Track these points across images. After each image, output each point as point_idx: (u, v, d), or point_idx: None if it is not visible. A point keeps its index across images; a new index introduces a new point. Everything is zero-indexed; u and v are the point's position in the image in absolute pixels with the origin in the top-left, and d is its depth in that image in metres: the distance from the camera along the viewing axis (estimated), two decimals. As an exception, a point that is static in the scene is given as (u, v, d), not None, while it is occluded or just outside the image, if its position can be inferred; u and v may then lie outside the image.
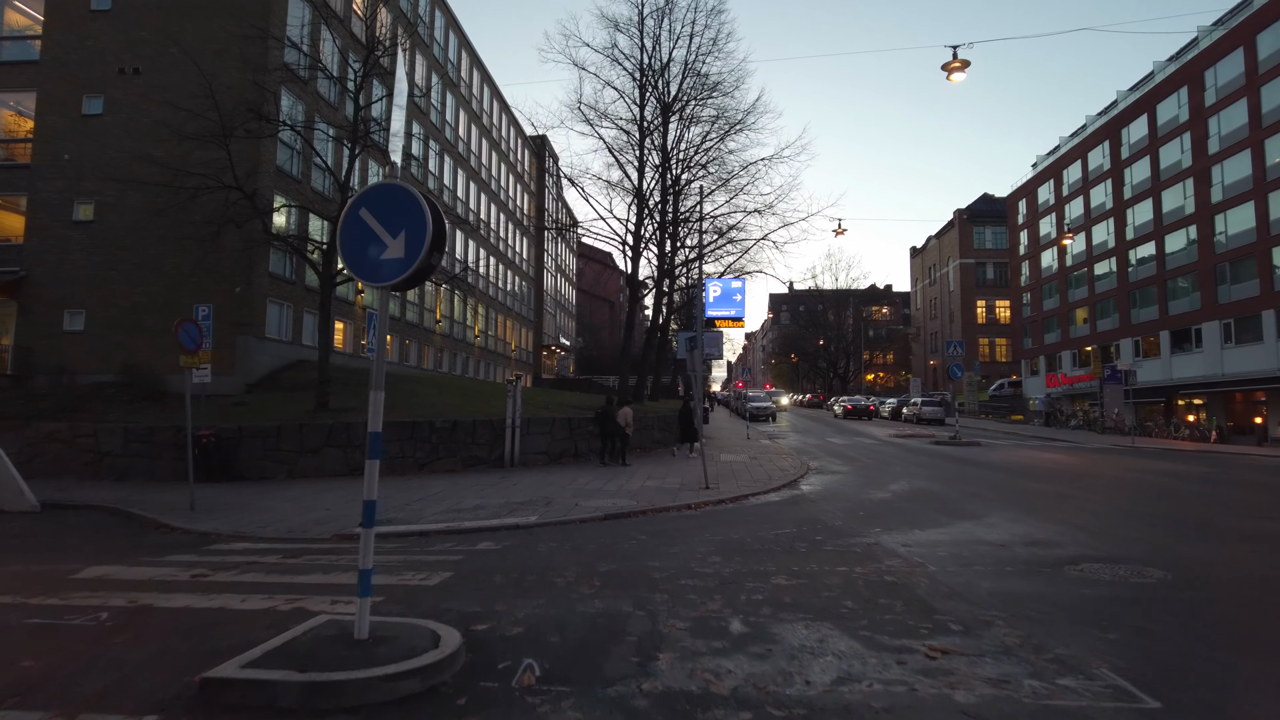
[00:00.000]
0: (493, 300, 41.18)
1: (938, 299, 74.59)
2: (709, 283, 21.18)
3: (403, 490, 12.08)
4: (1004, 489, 12.22)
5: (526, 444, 16.20)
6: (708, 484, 12.11)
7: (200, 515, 10.29)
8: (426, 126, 31.30)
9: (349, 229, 4.00)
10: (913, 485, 12.69)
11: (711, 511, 9.99)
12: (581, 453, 17.14)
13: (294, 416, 16.34)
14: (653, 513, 9.78)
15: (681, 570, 6.06)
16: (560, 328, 61.41)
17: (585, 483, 12.72)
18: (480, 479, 13.63)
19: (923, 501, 10.72)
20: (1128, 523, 8.78)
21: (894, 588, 5.51)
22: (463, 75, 36.87)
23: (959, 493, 11.64)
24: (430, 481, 13.47)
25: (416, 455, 15.49)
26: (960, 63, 13.57)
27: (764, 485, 12.48)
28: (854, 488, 12.50)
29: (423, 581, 5.85)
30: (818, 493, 11.83)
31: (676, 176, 24.05)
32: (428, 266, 3.89)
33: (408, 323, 29.74)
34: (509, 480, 13.34)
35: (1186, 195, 38.17)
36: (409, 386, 21.07)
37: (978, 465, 16.43)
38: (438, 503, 10.73)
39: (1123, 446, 23.28)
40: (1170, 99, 39.59)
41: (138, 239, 20.51)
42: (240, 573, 6.47)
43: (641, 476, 13.69)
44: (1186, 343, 38.35)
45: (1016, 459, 18.23)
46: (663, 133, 22.57)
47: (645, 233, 20.98)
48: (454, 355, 34.85)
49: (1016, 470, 15.53)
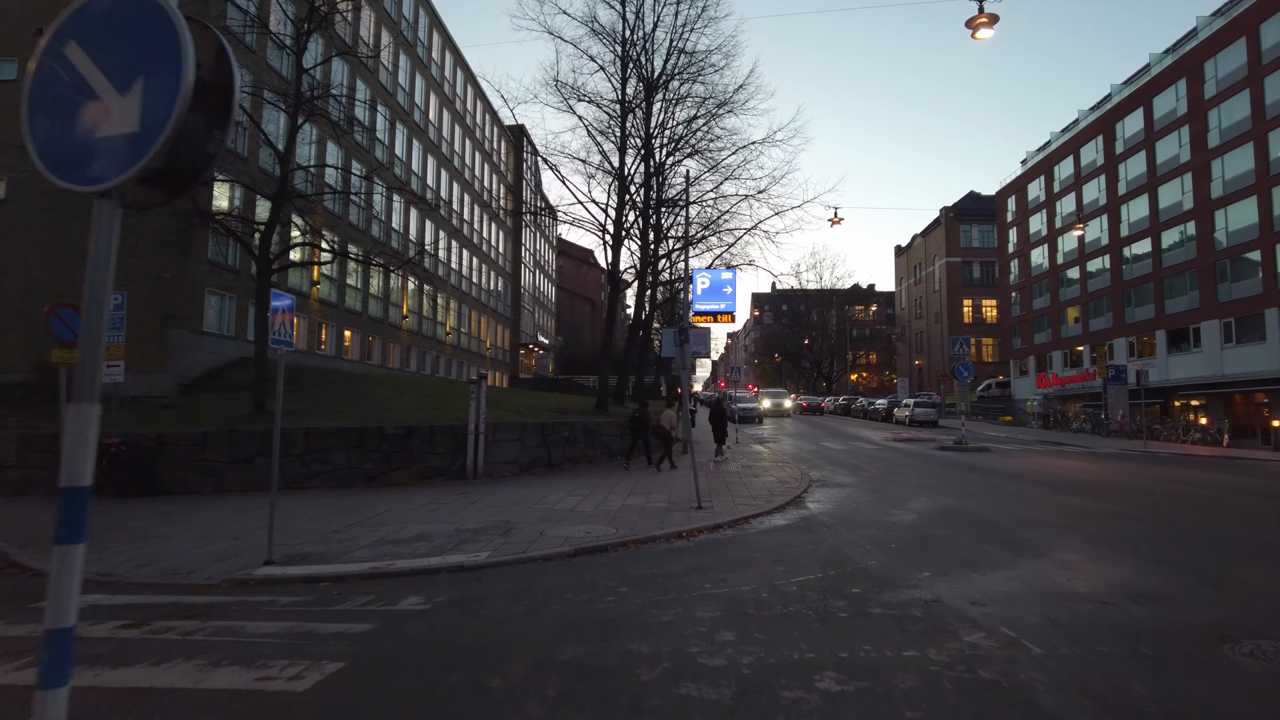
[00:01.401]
0: (466, 295, 39.01)
1: (923, 298, 73.56)
2: (697, 274, 19.35)
3: (340, 511, 10.05)
4: (1046, 507, 10.49)
5: (492, 453, 14.22)
6: (700, 502, 10.23)
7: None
8: (393, 107, 29.11)
9: (42, 84, 2.03)
10: (937, 502, 10.91)
11: (708, 542, 8.11)
12: (556, 462, 15.20)
13: (231, 421, 14.21)
14: (635, 545, 7.87)
15: (680, 662, 4.14)
16: (539, 326, 59.30)
17: (557, 500, 10.79)
18: (434, 496, 11.63)
19: (962, 526, 8.93)
20: (1232, 559, 7.06)
21: (1001, 694, 3.66)
22: (434, 57, 34.66)
23: (999, 513, 9.88)
24: (377, 498, 11.44)
25: (365, 467, 13.43)
26: (988, 17, 11.84)
27: (765, 503, 10.64)
28: (871, 506, 10.70)
29: (290, 683, 3.88)
30: (830, 513, 10.01)
31: (661, 163, 22.19)
32: (192, 154, 1.95)
33: (371, 317, 27.56)
34: (468, 497, 11.36)
35: (1185, 190, 37.09)
36: (364, 387, 18.97)
37: (998, 475, 14.75)
38: (374, 529, 8.73)
39: (1136, 451, 21.84)
40: (1168, 92, 38.51)
41: (56, 220, 18.17)
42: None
43: (623, 491, 11.79)
44: (1185, 342, 37.28)
45: (1036, 467, 16.60)
46: (646, 112, 20.66)
47: (627, 220, 19.07)
48: (423, 354, 32.67)
49: (1044, 481, 13.85)
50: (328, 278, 24.38)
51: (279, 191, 13.94)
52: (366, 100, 24.02)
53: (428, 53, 33.89)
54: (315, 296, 23.38)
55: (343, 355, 25.27)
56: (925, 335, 72.69)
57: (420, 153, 32.36)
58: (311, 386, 17.87)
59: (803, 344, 71.40)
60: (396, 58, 31.24)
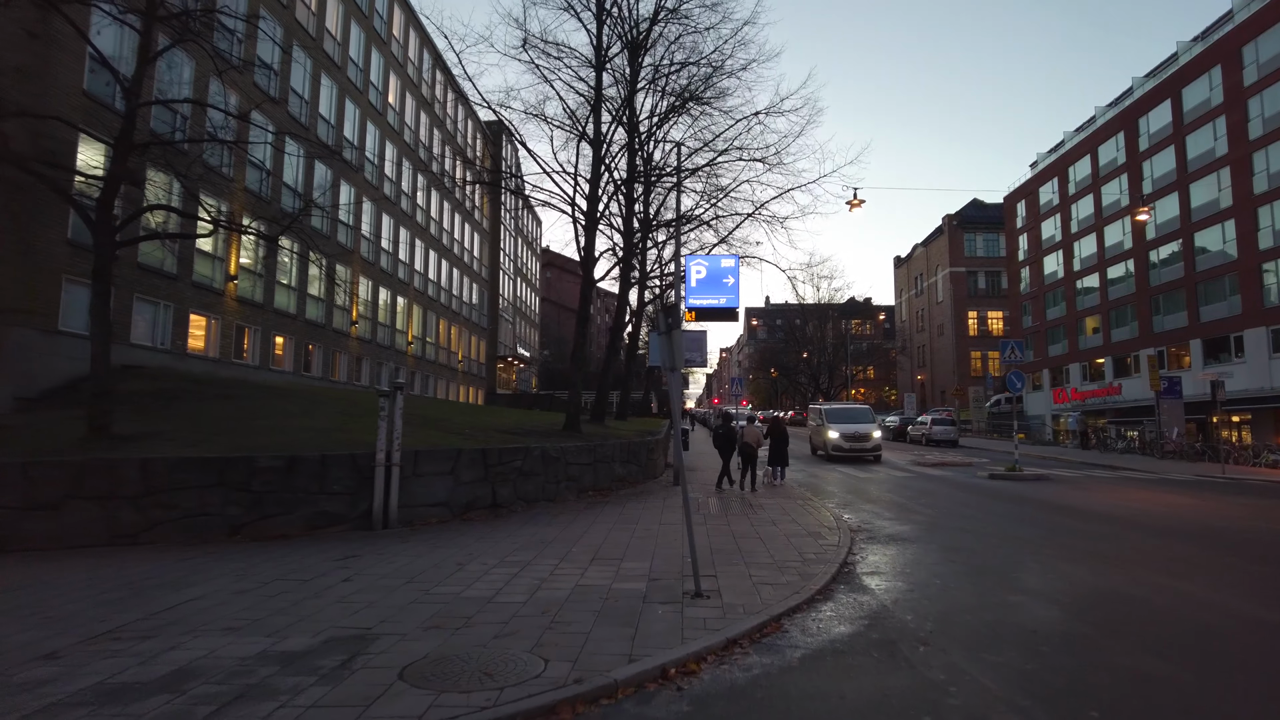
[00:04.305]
0: (434, 301, 35.18)
1: (925, 310, 70.37)
2: (690, 260, 15.69)
3: (126, 594, 6.17)
4: (1252, 585, 6.75)
5: (412, 492, 10.38)
6: (698, 583, 6.39)
7: None
8: (340, 82, 25.45)
9: None
10: (1062, 574, 7.16)
11: (717, 695, 4.30)
12: (504, 501, 11.35)
13: (58, 446, 10.29)
14: (569, 718, 4.03)
15: None
16: (521, 338, 55.47)
17: (476, 576, 6.95)
18: (305, 561, 7.76)
19: (1159, 639, 5.18)
20: None
21: None
22: (395, 33, 31.08)
23: (1189, 602, 6.14)
24: (216, 566, 7.56)
25: (227, 513, 9.51)
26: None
27: (799, 578, 6.85)
28: (965, 584, 6.92)
29: None
30: (910, 604, 6.22)
31: (645, 135, 18.58)
32: None
33: (310, 321, 23.65)
34: (351, 567, 7.50)
35: (1222, 187, 33.94)
36: (276, 402, 15.05)
37: (1101, 520, 11.02)
38: (132, 644, 4.87)
39: (1221, 478, 18.21)
40: (1199, 81, 35.49)
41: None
42: None
43: (584, 554, 7.96)
44: (1224, 352, 33.92)
45: (1139, 506, 12.86)
46: (630, 75, 17.06)
47: (604, 194, 15.33)
48: (378, 365, 28.75)
49: (1184, 532, 10.11)
50: (251, 272, 20.50)
51: (123, 133, 10.17)
52: (278, 39, 20.15)
53: (387, 27, 30.31)
54: (233, 293, 19.47)
55: (271, 365, 21.34)
56: (928, 349, 69.39)
57: (377, 137, 28.65)
58: (197, 401, 13.97)
59: (801, 357, 67.87)
60: (366, 50, 27.62)
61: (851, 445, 21.76)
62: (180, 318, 17.62)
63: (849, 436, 22.01)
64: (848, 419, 23.29)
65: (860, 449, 21.86)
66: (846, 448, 21.85)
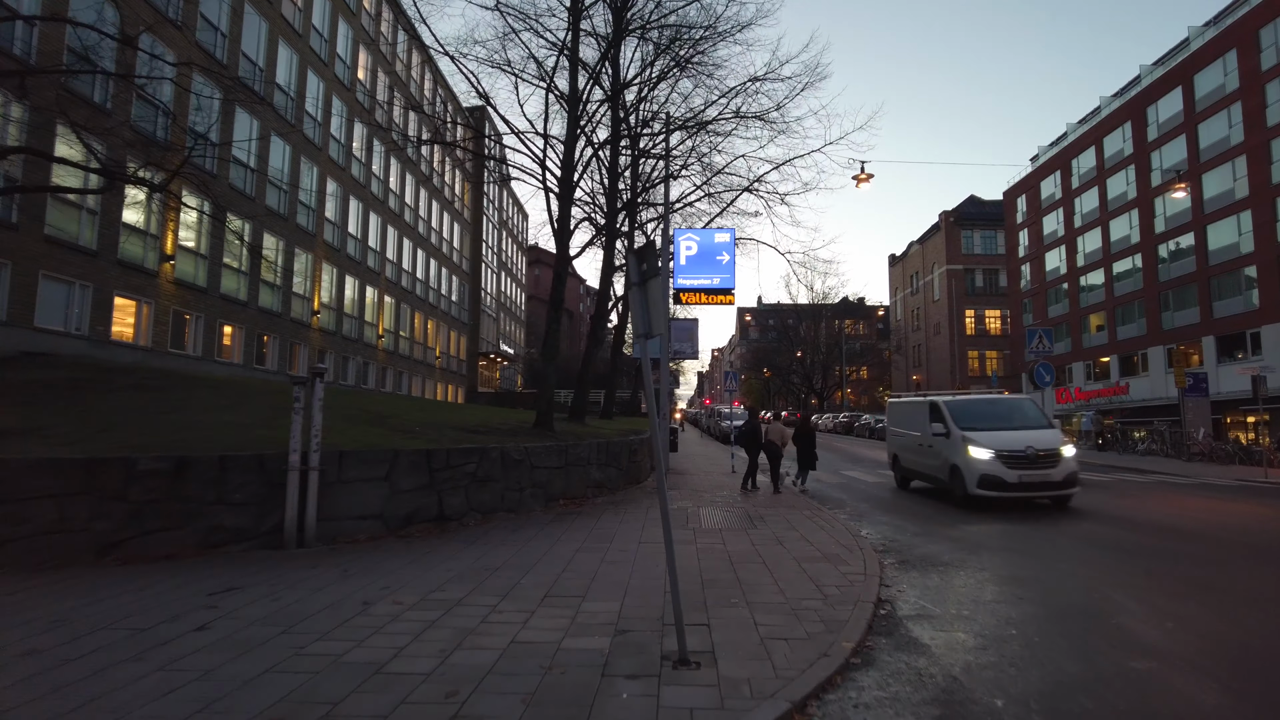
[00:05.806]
0: (408, 293, 33.14)
1: (921, 309, 68.85)
2: (679, 235, 13.82)
3: None
4: None
5: (337, 501, 8.44)
6: (683, 645, 4.45)
7: None
8: (301, 50, 23.41)
9: None
10: (1205, 630, 5.31)
11: None
12: (453, 513, 9.41)
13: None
14: None
15: None
16: (505, 335, 53.45)
17: (384, 620, 5.03)
18: (165, 598, 5.81)
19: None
20: None
21: None
22: (365, 4, 29.04)
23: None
24: (34, 606, 5.59)
25: (96, 527, 7.51)
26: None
27: (821, 634, 4.96)
28: (1066, 644, 5.02)
29: None
30: (990, 673, 4.35)
31: (635, 99, 16.70)
32: None
33: (263, 309, 21.60)
34: (221, 607, 5.56)
35: (1237, 176, 32.43)
36: (197, 394, 13.05)
37: (1191, 539, 9.19)
38: None
39: (1260, 481, 16.53)
40: (1213, 67, 33.99)
41: None
42: None
43: (535, 589, 6.04)
44: (1239, 349, 32.41)
45: (1209, 518, 11.02)
46: (614, 22, 15.14)
47: (580, 158, 13.37)
48: (344, 359, 26.70)
49: (1274, 551, 8.30)
50: (192, 252, 18.44)
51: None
52: None
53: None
54: (169, 275, 17.42)
55: (216, 356, 19.29)
56: (924, 348, 67.86)
57: (344, 112, 26.59)
58: (104, 393, 11.96)
59: (796, 357, 66.21)
60: (332, 19, 25.55)
61: (1022, 475, 10.82)
62: (102, 300, 15.57)
63: (1014, 457, 10.91)
64: (1000, 421, 11.93)
65: (1039, 480, 10.92)
66: (1012, 481, 10.81)
